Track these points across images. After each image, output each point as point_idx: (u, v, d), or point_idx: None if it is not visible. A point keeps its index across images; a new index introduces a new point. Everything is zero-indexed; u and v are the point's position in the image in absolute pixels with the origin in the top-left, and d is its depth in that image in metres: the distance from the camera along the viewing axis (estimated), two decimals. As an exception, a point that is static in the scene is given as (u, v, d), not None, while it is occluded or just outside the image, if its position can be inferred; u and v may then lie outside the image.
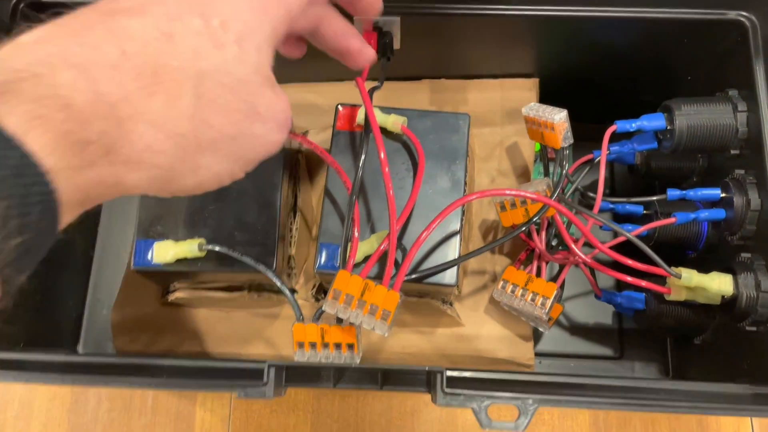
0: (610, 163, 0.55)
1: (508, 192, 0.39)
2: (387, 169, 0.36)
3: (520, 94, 0.50)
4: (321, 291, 0.47)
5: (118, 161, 0.22)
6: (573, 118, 0.45)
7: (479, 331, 0.47)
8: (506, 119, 0.50)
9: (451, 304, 0.47)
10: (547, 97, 0.51)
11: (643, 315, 0.45)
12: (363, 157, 0.38)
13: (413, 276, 0.39)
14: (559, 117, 0.41)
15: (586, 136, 0.46)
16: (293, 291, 0.48)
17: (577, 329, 0.51)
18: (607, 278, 0.52)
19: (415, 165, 0.42)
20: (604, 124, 0.48)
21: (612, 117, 0.53)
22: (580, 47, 0.48)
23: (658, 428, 0.50)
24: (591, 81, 0.51)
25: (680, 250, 0.48)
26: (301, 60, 0.51)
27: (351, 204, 0.37)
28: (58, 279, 0.50)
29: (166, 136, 0.23)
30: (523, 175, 0.49)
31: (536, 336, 0.49)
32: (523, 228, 0.40)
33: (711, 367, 0.46)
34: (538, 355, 0.51)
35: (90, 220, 0.54)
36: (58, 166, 0.21)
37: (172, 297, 0.46)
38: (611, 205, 0.47)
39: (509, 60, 0.50)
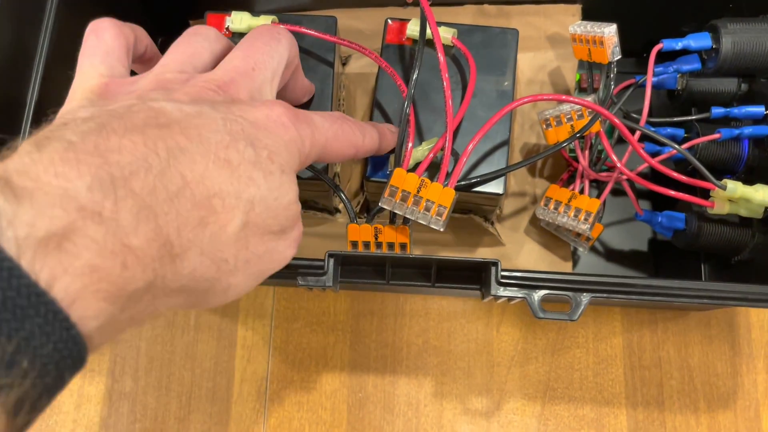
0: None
1: (564, 97, 0.40)
2: (446, 74, 0.36)
3: (563, 19, 0.50)
4: (365, 209, 0.48)
5: (159, 294, 0.21)
6: None
7: (519, 250, 0.48)
8: (549, 44, 0.50)
9: (492, 223, 0.47)
10: (588, 24, 0.52)
11: (683, 235, 0.46)
12: (419, 59, 0.38)
13: (462, 183, 0.39)
14: (609, 30, 0.42)
15: (625, 69, 0.47)
16: (336, 210, 0.49)
17: (612, 256, 0.52)
18: (643, 203, 0.52)
19: (464, 79, 0.43)
20: (642, 58, 0.49)
21: (649, 50, 0.54)
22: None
23: (690, 351, 0.51)
24: (633, 9, 0.51)
25: (719, 174, 0.49)
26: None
27: (407, 104, 0.38)
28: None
29: (210, 262, 0.23)
30: (565, 100, 0.50)
31: (574, 259, 0.50)
32: (570, 141, 0.41)
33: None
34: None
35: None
36: (98, 325, 0.19)
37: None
38: (653, 129, 0.47)
39: (552, -15, 0.50)
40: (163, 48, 0.58)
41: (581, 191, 0.45)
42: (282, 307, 0.53)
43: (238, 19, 0.42)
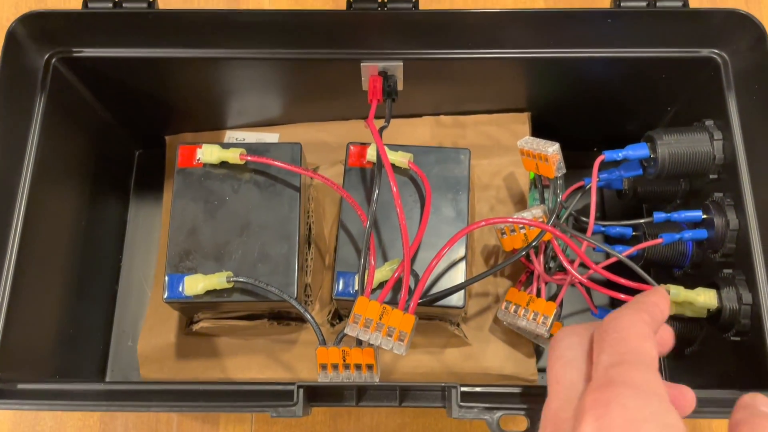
0: (600, 189, 0.59)
1: (510, 219, 0.43)
2: (399, 201, 0.39)
3: (514, 127, 0.54)
4: (336, 317, 0.51)
5: None
6: (563, 147, 0.49)
7: (485, 349, 0.50)
8: (502, 151, 0.54)
9: (458, 325, 0.50)
10: (539, 128, 0.56)
11: (637, 329, 0.49)
12: (377, 191, 0.41)
13: (424, 300, 0.42)
14: (552, 149, 0.45)
15: (576, 163, 0.50)
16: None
17: (575, 345, 0.55)
18: (601, 296, 0.55)
19: (421, 197, 0.46)
20: (593, 152, 0.53)
21: (599, 145, 0.58)
22: (569, 84, 0.52)
23: (655, 436, 0.53)
24: (579, 114, 0.55)
25: (668, 268, 0.52)
26: (310, 102, 0.55)
27: (367, 235, 0.41)
28: (85, 313, 0.53)
29: None
30: (520, 203, 0.53)
31: (538, 352, 0.52)
32: (523, 252, 0.44)
33: (701, 376, 0.49)
34: (540, 371, 0.54)
35: (114, 257, 0.57)
36: None
37: (196, 327, 0.49)
38: (602, 228, 0.50)
39: (503, 97, 0.54)
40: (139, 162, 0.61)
41: (538, 293, 0.48)
42: (261, 411, 0.54)
43: (209, 152, 0.45)
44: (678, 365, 0.52)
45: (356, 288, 0.43)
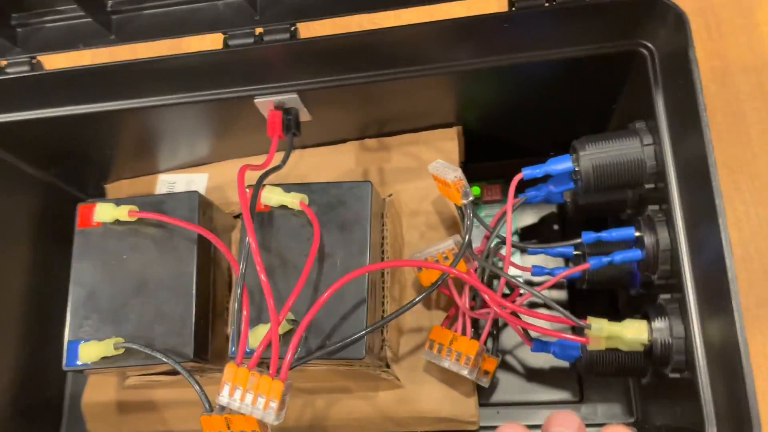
0: (557, 203, 0.53)
1: (401, 263, 0.39)
2: (259, 258, 0.37)
3: (443, 144, 0.50)
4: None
5: None
6: (499, 158, 0.44)
7: (419, 390, 0.46)
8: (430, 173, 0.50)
9: (388, 366, 0.46)
10: (472, 142, 0.51)
11: (581, 362, 0.44)
12: (246, 243, 0.39)
13: (309, 357, 0.39)
14: (453, 176, 0.41)
15: (514, 173, 0.46)
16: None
17: (534, 375, 0.50)
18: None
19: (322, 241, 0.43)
20: (549, 157, 0.47)
21: (555, 150, 0.52)
22: (496, 93, 0.47)
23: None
24: (518, 122, 0.50)
25: (623, 288, 0.46)
26: (231, 138, 0.53)
27: (239, 293, 0.38)
28: (39, 366, 0.53)
29: None
30: (453, 227, 0.49)
31: (478, 390, 0.47)
32: (419, 299, 0.39)
33: (663, 408, 0.43)
34: (495, 405, 0.50)
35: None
36: None
37: (127, 383, 0.49)
38: (541, 250, 0.45)
39: (428, 113, 0.50)
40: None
41: (464, 331, 0.44)
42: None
43: (103, 211, 0.44)
44: (645, 394, 0.46)
45: (233, 349, 0.40)
